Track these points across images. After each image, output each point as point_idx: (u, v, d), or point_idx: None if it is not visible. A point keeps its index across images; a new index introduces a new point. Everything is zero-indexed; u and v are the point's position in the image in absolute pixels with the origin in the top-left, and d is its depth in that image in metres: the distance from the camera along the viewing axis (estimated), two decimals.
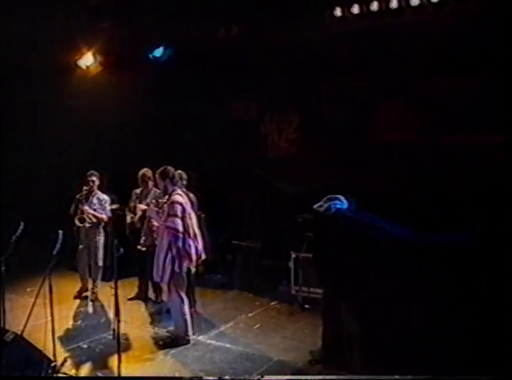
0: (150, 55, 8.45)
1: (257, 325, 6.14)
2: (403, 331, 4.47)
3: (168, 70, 8.38)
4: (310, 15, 7.00)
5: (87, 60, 8.85)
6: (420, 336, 4.34)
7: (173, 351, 5.34)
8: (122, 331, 5.81)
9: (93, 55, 8.79)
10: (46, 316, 4.90)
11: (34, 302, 4.75)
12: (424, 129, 7.02)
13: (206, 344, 5.55)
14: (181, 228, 5.36)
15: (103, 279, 7.20)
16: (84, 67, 8.95)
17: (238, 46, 7.62)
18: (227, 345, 5.51)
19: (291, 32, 7.16)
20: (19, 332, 4.74)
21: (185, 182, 6.18)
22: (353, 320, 4.81)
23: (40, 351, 4.57)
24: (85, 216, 6.90)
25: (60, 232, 4.83)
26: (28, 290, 7.02)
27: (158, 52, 8.40)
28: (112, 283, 7.52)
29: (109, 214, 7.17)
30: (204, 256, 5.78)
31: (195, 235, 5.55)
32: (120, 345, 5.35)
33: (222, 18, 7.62)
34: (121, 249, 4.52)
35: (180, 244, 5.38)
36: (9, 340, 4.49)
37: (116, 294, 4.41)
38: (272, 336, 5.77)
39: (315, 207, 4.96)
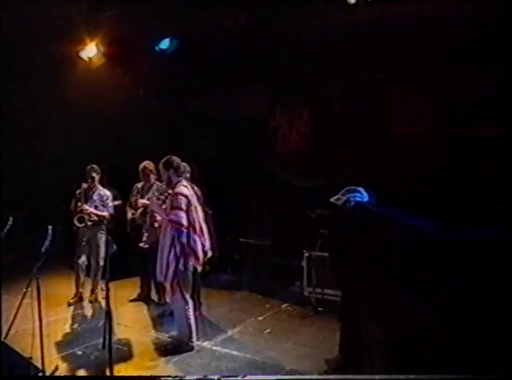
0: (156, 48, 8.06)
1: (268, 330, 5.68)
2: (431, 335, 4.00)
3: (174, 62, 7.99)
4: (322, 3, 6.59)
5: (90, 51, 8.43)
6: (449, 339, 3.89)
7: (175, 358, 4.90)
8: (121, 336, 5.50)
9: (96, 45, 8.38)
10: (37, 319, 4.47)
11: (19, 305, 4.33)
12: (442, 121, 6.63)
13: (211, 351, 5.09)
14: (185, 222, 4.92)
15: (103, 279, 6.78)
16: (86, 59, 8.54)
17: (246, 36, 7.21)
18: (235, 352, 5.05)
19: (301, 22, 6.77)
20: (5, 338, 4.31)
21: (188, 175, 5.75)
22: (375, 324, 4.35)
23: (27, 359, 4.13)
24: (84, 215, 6.47)
25: (49, 227, 4.39)
26: (24, 290, 6.62)
27: (164, 44, 8.00)
28: (114, 283, 7.32)
29: (111, 211, 6.73)
30: (210, 254, 5.33)
31: (201, 230, 5.11)
32: (119, 351, 5.02)
33: (229, 7, 7.21)
34: (114, 246, 4.09)
35: (184, 240, 4.94)
36: None
37: (107, 297, 3.95)
38: (283, 342, 5.31)
39: (332, 199, 4.49)
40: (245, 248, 7.45)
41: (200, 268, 5.21)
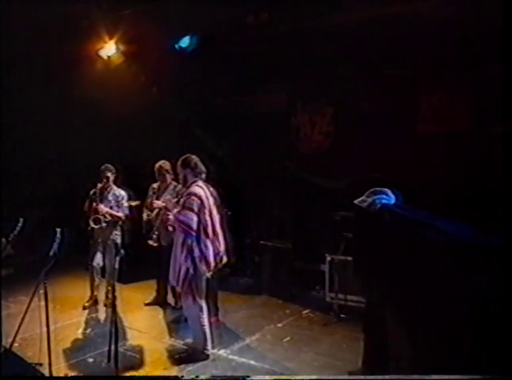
0: (176, 45, 7.89)
1: (287, 338, 5.40)
2: (463, 347, 3.69)
3: (194, 60, 7.81)
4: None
5: (109, 50, 8.31)
6: (485, 350, 3.57)
7: (189, 367, 4.65)
8: (134, 342, 5.31)
9: (116, 44, 8.25)
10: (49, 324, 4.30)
11: (26, 310, 4.15)
12: (472, 119, 6.28)
13: (228, 360, 4.83)
14: (194, 225, 4.67)
15: (119, 281, 6.62)
16: (105, 57, 8.42)
17: (268, 33, 6.98)
18: (252, 362, 4.78)
19: (324, 19, 6.52)
20: (12, 343, 4.14)
21: (204, 175, 5.53)
22: (402, 335, 4.04)
23: (33, 367, 3.95)
24: (100, 216, 6.27)
25: (58, 230, 4.20)
26: (41, 292, 6.48)
27: (184, 42, 7.82)
28: (130, 286, 7.16)
29: (127, 211, 6.54)
30: (225, 260, 5.06)
31: (215, 235, 4.85)
32: (131, 359, 4.84)
33: (250, 4, 6.99)
34: (122, 251, 3.88)
35: (194, 243, 4.69)
36: None
37: (113, 305, 3.72)
38: (304, 352, 5.03)
39: (356, 201, 4.19)
40: (265, 250, 7.17)
41: (209, 275, 4.92)
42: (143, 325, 5.82)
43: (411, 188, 5.68)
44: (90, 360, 4.85)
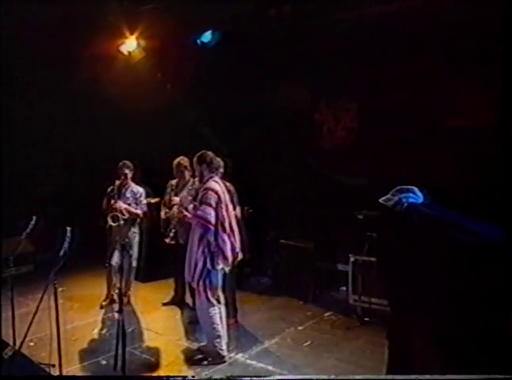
0: (198, 41, 7.75)
1: (308, 342, 5.18)
2: (495, 354, 3.44)
3: (215, 55, 7.65)
4: None
5: (130, 45, 8.20)
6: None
7: (205, 372, 4.48)
8: (150, 343, 5.19)
9: (137, 39, 8.14)
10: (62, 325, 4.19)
11: (36, 311, 4.05)
12: (500, 113, 5.96)
13: (245, 365, 4.64)
14: (213, 220, 4.56)
15: (137, 280, 6.53)
16: (126, 53, 8.32)
17: (290, 27, 6.78)
18: (270, 367, 4.57)
19: (348, 12, 6.31)
20: (21, 344, 4.03)
21: (222, 170, 5.38)
22: (429, 342, 3.79)
23: (43, 369, 3.83)
24: (118, 214, 6.16)
25: (68, 229, 4.08)
26: (60, 290, 6.39)
27: (206, 37, 7.67)
28: (148, 286, 7.05)
29: (145, 208, 6.42)
30: (241, 256, 4.91)
31: (231, 230, 4.72)
32: (145, 362, 4.73)
33: None
34: (130, 252, 3.74)
35: (211, 238, 4.57)
36: (7, 356, 3.76)
37: (120, 307, 3.55)
38: (324, 358, 4.80)
39: (381, 200, 3.94)
40: (286, 250, 6.97)
41: (227, 269, 4.78)
42: (161, 326, 5.69)
43: (440, 185, 5.44)
44: (104, 362, 4.72)
